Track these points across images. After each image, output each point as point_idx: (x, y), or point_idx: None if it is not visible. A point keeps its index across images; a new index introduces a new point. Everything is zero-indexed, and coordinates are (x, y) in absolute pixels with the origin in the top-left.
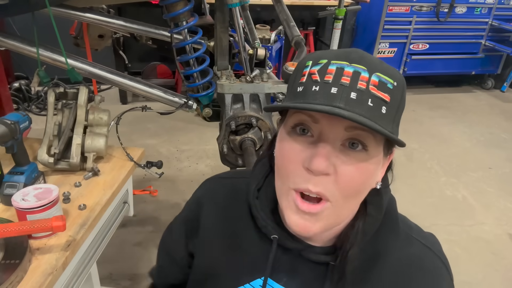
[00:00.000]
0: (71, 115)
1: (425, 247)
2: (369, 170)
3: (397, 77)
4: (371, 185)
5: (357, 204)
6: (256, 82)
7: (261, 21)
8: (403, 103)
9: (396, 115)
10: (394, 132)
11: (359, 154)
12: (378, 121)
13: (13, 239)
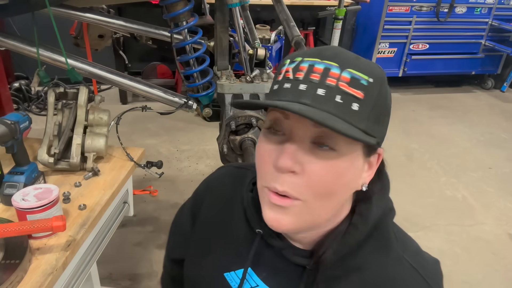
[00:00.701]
0: (71, 115)
1: (413, 269)
2: (338, 169)
3: (373, 73)
4: (348, 185)
5: (334, 205)
6: (256, 82)
7: (261, 21)
8: (381, 100)
9: (372, 112)
10: (370, 129)
11: (328, 152)
12: (348, 118)
13: (13, 239)
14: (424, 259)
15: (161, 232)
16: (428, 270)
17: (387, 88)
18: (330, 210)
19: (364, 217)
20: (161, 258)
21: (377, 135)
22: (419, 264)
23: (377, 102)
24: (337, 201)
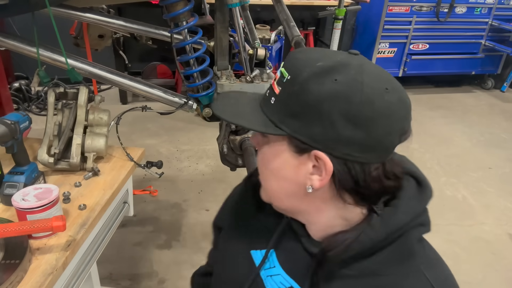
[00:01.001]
0: (71, 115)
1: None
2: (266, 153)
3: (295, 72)
4: (278, 174)
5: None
6: (256, 82)
7: (261, 21)
8: (296, 96)
9: (284, 106)
10: (281, 122)
11: (264, 138)
12: (266, 110)
13: (13, 239)
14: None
15: (161, 232)
16: None
17: (307, 86)
18: (283, 197)
19: (385, 220)
20: (161, 258)
21: (292, 129)
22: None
23: (290, 98)
24: (284, 189)
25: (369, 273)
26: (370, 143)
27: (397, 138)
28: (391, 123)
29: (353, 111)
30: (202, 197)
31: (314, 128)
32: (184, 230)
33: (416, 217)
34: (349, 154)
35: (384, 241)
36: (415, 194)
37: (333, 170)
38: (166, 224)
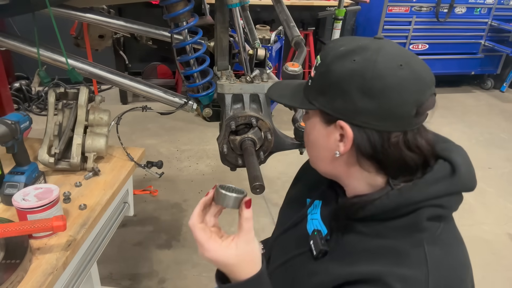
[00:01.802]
0: (72, 115)
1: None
2: (307, 127)
3: (324, 57)
4: (316, 143)
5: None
6: (256, 82)
7: (261, 21)
8: (323, 76)
9: (315, 86)
10: (313, 99)
11: (306, 115)
12: (305, 91)
13: (14, 239)
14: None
15: (161, 232)
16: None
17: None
18: (321, 162)
19: (401, 193)
20: (161, 258)
21: (321, 103)
22: (437, 265)
23: (320, 78)
24: (318, 157)
25: (379, 234)
26: (384, 112)
27: (413, 109)
28: (403, 95)
29: (366, 85)
30: (202, 197)
31: (336, 102)
32: (184, 230)
33: (432, 198)
34: (367, 123)
35: (395, 211)
36: (441, 178)
37: (353, 136)
38: (166, 224)
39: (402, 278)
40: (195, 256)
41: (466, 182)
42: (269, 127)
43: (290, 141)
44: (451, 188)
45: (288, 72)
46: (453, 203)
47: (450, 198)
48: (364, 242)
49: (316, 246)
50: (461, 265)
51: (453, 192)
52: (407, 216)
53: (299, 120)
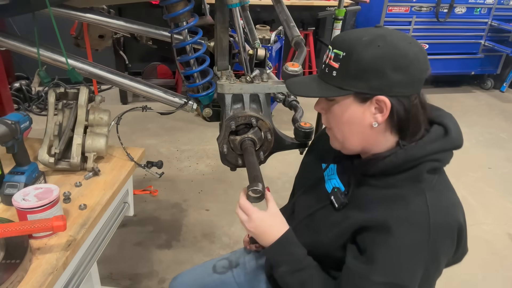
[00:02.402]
0: (72, 115)
1: (424, 205)
2: (340, 114)
3: (347, 48)
4: (354, 125)
5: (354, 139)
6: (256, 82)
7: (261, 21)
8: (359, 63)
9: (346, 74)
10: (346, 85)
11: (332, 104)
12: (330, 81)
13: (14, 239)
14: (444, 213)
15: (161, 232)
16: (440, 221)
17: (361, 55)
18: (353, 139)
19: (406, 151)
20: (161, 258)
21: (357, 87)
22: (436, 207)
23: (352, 66)
24: (352, 135)
25: (388, 185)
26: (410, 80)
27: (425, 73)
28: (421, 64)
29: (397, 63)
30: (202, 197)
31: (372, 82)
32: (184, 230)
33: (430, 154)
34: (398, 91)
35: (403, 165)
36: (437, 138)
37: (391, 105)
38: (166, 224)
39: (409, 222)
40: (195, 256)
41: (456, 141)
42: (269, 127)
43: (290, 141)
44: (445, 145)
45: (288, 72)
46: (446, 157)
47: (444, 154)
48: (376, 193)
49: (337, 200)
50: (453, 206)
51: (447, 149)
52: (411, 170)
53: (299, 120)
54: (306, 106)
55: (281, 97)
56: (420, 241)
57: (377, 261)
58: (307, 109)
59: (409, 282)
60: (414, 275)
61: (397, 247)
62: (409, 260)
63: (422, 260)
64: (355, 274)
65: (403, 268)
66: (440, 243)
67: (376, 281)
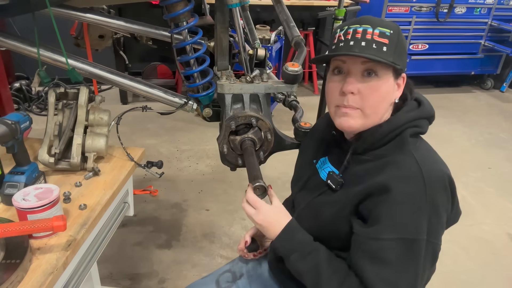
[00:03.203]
0: (72, 115)
1: (416, 164)
2: (379, 87)
3: (392, 27)
4: (385, 97)
5: (380, 111)
6: (256, 82)
7: (261, 21)
8: (401, 42)
9: (395, 50)
10: (396, 61)
11: (372, 79)
12: (381, 55)
13: (14, 238)
14: (433, 165)
15: (161, 232)
16: (431, 171)
17: (402, 35)
18: (378, 115)
19: (389, 122)
20: (161, 257)
21: (400, 64)
22: (424, 162)
23: (398, 44)
24: (382, 108)
25: (379, 156)
26: (406, 59)
27: None
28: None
29: (406, 46)
30: (202, 197)
31: (403, 60)
32: (184, 230)
33: (409, 121)
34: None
35: (388, 135)
36: (412, 109)
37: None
38: (166, 224)
39: (404, 177)
40: (195, 256)
41: (428, 110)
42: (269, 127)
43: (290, 141)
44: (420, 114)
45: (288, 72)
46: (424, 124)
47: (421, 121)
48: (369, 165)
49: (334, 182)
50: (439, 162)
51: (422, 117)
52: (395, 138)
53: (299, 120)
54: (306, 106)
55: (281, 97)
56: (418, 192)
57: (383, 220)
58: (307, 109)
59: (417, 235)
60: (420, 227)
61: (399, 203)
62: (413, 212)
63: (424, 212)
64: (365, 238)
65: (409, 222)
66: (437, 193)
67: (386, 238)
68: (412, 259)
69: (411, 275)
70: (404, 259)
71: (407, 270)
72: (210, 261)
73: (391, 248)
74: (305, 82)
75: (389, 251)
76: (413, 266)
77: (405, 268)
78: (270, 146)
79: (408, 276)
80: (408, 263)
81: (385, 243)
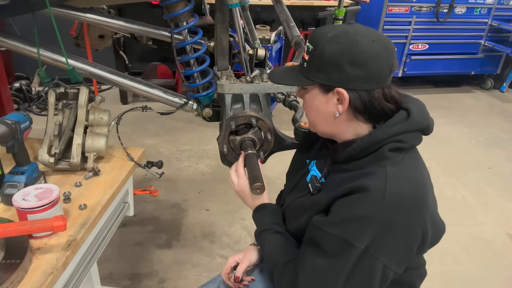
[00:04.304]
0: (72, 115)
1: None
2: (310, 102)
3: (316, 43)
4: (321, 112)
5: (321, 124)
6: (256, 82)
7: (261, 21)
8: (318, 58)
9: (312, 66)
10: (312, 76)
11: (304, 92)
12: (302, 71)
13: (14, 238)
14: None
15: (161, 232)
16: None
17: (323, 50)
18: (321, 124)
19: (370, 136)
20: (161, 257)
21: (320, 78)
22: (394, 178)
23: (315, 59)
24: (320, 119)
25: (358, 167)
26: (368, 76)
27: (387, 70)
28: (380, 61)
29: (354, 59)
30: (202, 197)
31: (333, 75)
32: (184, 230)
33: (391, 136)
34: (357, 86)
35: (368, 149)
36: (398, 122)
37: (349, 98)
38: (166, 224)
39: (366, 186)
40: (195, 256)
41: (419, 122)
42: (269, 127)
43: (290, 141)
44: (406, 127)
45: None
46: (411, 138)
47: (407, 135)
48: (347, 175)
49: (312, 186)
50: (416, 178)
51: (409, 131)
52: (375, 152)
53: (299, 120)
54: None
55: (281, 97)
56: (373, 204)
57: (332, 215)
58: None
59: (354, 241)
60: (361, 235)
61: (352, 206)
62: (360, 219)
63: (372, 223)
64: (313, 225)
65: (353, 226)
66: (395, 212)
67: (328, 231)
68: (341, 262)
69: (336, 275)
70: (337, 257)
71: (335, 268)
72: (210, 261)
73: (330, 242)
74: None
75: (328, 244)
76: (339, 268)
77: (334, 265)
78: (270, 146)
79: (334, 273)
80: (337, 262)
81: (326, 236)
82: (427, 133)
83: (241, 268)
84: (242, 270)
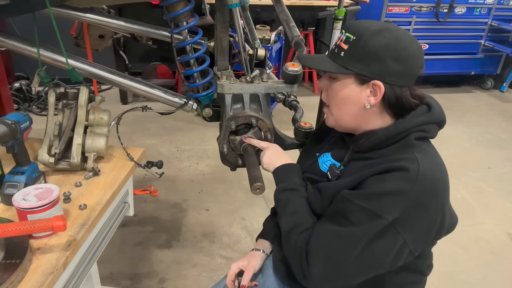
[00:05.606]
0: (72, 115)
1: (415, 160)
2: (339, 91)
3: (357, 33)
4: (350, 102)
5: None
6: (256, 82)
7: (261, 21)
8: (360, 48)
9: (351, 56)
10: (349, 65)
11: (333, 82)
12: (336, 60)
13: (14, 238)
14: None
15: (162, 232)
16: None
17: (368, 42)
18: (346, 116)
19: (396, 125)
20: (161, 257)
21: (358, 69)
22: (424, 162)
23: (357, 50)
24: (347, 110)
25: (382, 156)
26: (405, 72)
27: (419, 69)
28: (417, 61)
29: (397, 54)
30: (202, 197)
31: (371, 66)
32: (184, 230)
33: (416, 126)
34: (393, 80)
35: (394, 137)
36: (421, 114)
37: (384, 91)
38: (167, 224)
39: (400, 167)
40: (195, 256)
41: (438, 115)
42: (269, 127)
43: (290, 141)
44: (429, 119)
45: (288, 72)
46: (431, 129)
47: (429, 126)
48: (369, 161)
49: (332, 174)
50: (441, 164)
51: (431, 122)
52: (401, 141)
53: (299, 120)
54: (306, 106)
55: (281, 97)
56: (407, 183)
57: (364, 189)
58: (307, 109)
59: (383, 213)
60: (391, 209)
61: (387, 182)
62: (394, 193)
63: (403, 199)
64: (342, 197)
65: (384, 201)
66: (425, 193)
67: (356, 203)
68: (364, 230)
69: (355, 242)
70: (361, 225)
71: (356, 235)
72: (210, 261)
73: (357, 212)
74: (305, 82)
75: (354, 213)
76: (360, 236)
77: (356, 232)
78: None
79: (353, 240)
80: (360, 230)
81: (354, 206)
82: (442, 127)
83: (247, 277)
84: (248, 279)
